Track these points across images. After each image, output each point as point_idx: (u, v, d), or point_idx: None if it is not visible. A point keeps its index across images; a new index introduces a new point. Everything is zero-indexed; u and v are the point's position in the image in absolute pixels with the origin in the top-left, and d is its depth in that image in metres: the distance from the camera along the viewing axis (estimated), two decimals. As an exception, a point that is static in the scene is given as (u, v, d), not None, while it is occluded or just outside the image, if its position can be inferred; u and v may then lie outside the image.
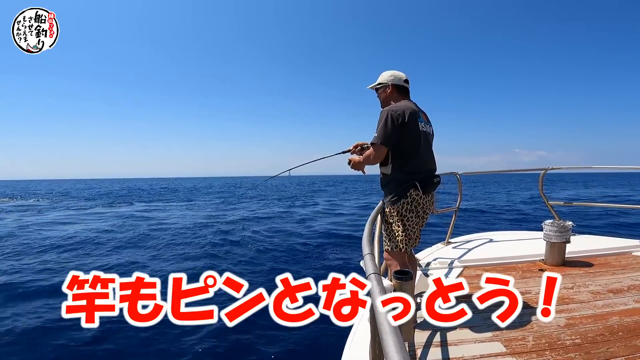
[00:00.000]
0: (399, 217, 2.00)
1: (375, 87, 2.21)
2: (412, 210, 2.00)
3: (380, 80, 2.17)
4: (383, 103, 2.17)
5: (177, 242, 8.78)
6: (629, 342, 1.72)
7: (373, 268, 0.98)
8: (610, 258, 3.10)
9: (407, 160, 1.99)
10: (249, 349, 3.55)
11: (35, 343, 3.68)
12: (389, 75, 2.14)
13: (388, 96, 2.14)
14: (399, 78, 2.13)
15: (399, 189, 2.00)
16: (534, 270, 2.89)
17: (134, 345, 3.60)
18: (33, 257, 7.29)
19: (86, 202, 24.22)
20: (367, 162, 2.07)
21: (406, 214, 2.00)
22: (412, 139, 1.98)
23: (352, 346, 1.81)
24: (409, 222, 2.00)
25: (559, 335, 1.81)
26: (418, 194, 1.99)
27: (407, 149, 1.98)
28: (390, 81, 2.13)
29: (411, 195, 1.98)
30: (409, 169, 1.99)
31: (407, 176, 1.99)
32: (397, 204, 2.00)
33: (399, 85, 2.13)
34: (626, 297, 2.27)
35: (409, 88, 2.18)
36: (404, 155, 1.99)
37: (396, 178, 2.02)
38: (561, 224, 2.97)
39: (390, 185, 2.05)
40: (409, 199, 1.98)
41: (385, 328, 0.66)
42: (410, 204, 1.99)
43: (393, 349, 0.58)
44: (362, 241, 1.26)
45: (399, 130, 1.93)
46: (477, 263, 3.07)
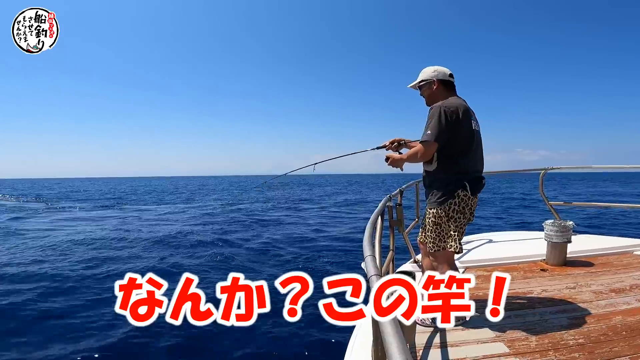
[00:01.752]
0: (447, 218, 1.94)
1: (418, 84, 2.10)
2: (460, 211, 1.93)
3: (423, 77, 2.07)
4: (429, 100, 2.07)
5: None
6: (632, 341, 1.71)
7: (374, 270, 0.97)
8: (612, 257, 3.10)
9: (456, 160, 1.91)
10: (249, 349, 3.54)
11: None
12: (432, 71, 2.04)
13: (434, 92, 2.04)
14: (443, 73, 2.03)
15: (446, 189, 1.92)
16: (535, 270, 2.88)
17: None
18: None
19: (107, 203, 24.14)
20: (413, 160, 1.96)
21: (454, 214, 1.92)
22: (465, 138, 1.91)
23: (355, 347, 1.80)
24: (456, 223, 1.93)
25: (562, 335, 1.80)
26: (466, 195, 1.91)
27: (459, 148, 1.90)
28: (434, 77, 2.03)
29: (459, 196, 1.91)
30: (457, 169, 1.91)
31: (456, 176, 1.91)
32: (444, 204, 1.92)
33: (445, 80, 2.04)
34: (629, 296, 2.26)
35: (454, 83, 2.08)
36: (454, 154, 1.91)
37: (443, 178, 1.94)
38: (562, 223, 2.97)
39: (435, 184, 1.98)
40: (457, 199, 1.91)
41: (387, 329, 0.65)
42: (458, 204, 1.92)
43: (395, 350, 0.58)
44: (363, 243, 1.23)
45: (452, 127, 1.85)
46: (478, 264, 3.06)
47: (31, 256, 7.30)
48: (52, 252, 7.75)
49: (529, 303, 2.23)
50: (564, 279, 2.65)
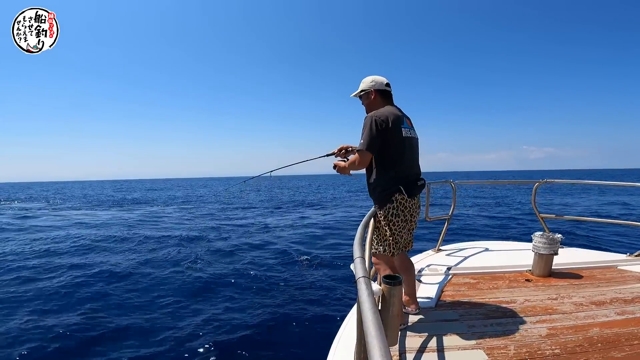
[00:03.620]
0: (386, 222, 2.05)
1: (359, 94, 2.21)
2: (399, 215, 2.04)
3: (363, 87, 2.17)
4: (368, 109, 2.18)
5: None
6: (606, 353, 1.74)
7: (362, 272, 1.00)
8: (596, 271, 3.14)
9: (391, 166, 2.03)
10: (230, 350, 3.55)
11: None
12: (370, 81, 2.15)
13: (372, 102, 2.15)
14: (380, 83, 2.14)
15: (384, 194, 2.04)
16: (520, 280, 2.92)
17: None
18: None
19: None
20: (352, 168, 2.10)
21: (392, 218, 2.04)
22: (396, 145, 2.01)
23: (338, 349, 1.84)
24: (395, 226, 2.05)
25: (540, 344, 1.84)
26: (404, 198, 2.03)
27: (392, 155, 2.01)
28: (372, 87, 2.13)
29: (397, 200, 2.02)
30: (393, 174, 2.03)
31: (392, 181, 2.02)
32: (383, 208, 2.04)
33: (382, 90, 2.14)
34: (608, 309, 2.30)
35: (391, 92, 2.19)
36: (389, 160, 2.02)
37: (381, 183, 2.05)
38: (550, 236, 3.01)
39: (376, 190, 2.08)
40: (395, 204, 2.03)
41: (370, 331, 0.66)
42: (396, 208, 2.03)
43: (377, 353, 0.59)
44: (353, 244, 1.27)
45: (383, 136, 1.96)
46: (465, 271, 3.10)
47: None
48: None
49: (510, 312, 2.26)
50: (547, 289, 2.69)
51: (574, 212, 14.13)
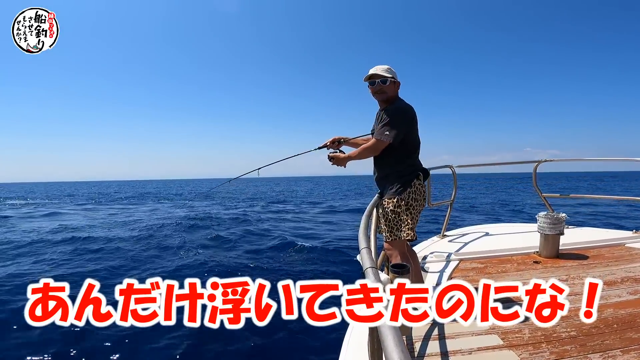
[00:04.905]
0: (406, 207, 2.07)
1: (391, 79, 2.06)
2: (417, 199, 2.11)
3: (389, 74, 2.06)
4: (388, 98, 2.10)
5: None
6: (623, 334, 1.72)
7: (370, 262, 0.98)
8: (604, 250, 3.11)
9: (409, 155, 2.12)
10: (243, 347, 3.54)
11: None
12: (390, 70, 2.08)
13: (395, 92, 2.12)
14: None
15: (404, 180, 2.09)
16: (528, 262, 2.90)
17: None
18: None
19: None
20: (362, 156, 2.13)
21: (413, 202, 2.09)
22: (415, 136, 2.13)
23: (351, 340, 1.81)
24: (415, 210, 2.11)
25: (555, 327, 1.80)
26: (420, 184, 2.14)
27: (412, 146, 2.12)
28: (396, 77, 2.10)
29: (415, 185, 2.10)
30: (411, 162, 2.13)
31: (411, 168, 2.12)
32: (403, 193, 2.07)
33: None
34: (620, 289, 2.27)
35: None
36: (409, 150, 2.11)
37: (399, 170, 2.11)
38: (555, 216, 2.98)
39: (391, 177, 2.12)
40: (414, 188, 2.09)
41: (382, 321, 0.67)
42: (414, 192, 2.10)
43: (391, 343, 0.59)
44: (358, 235, 1.25)
45: (410, 127, 2.07)
46: (472, 256, 3.08)
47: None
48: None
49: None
50: (556, 271, 2.67)
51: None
